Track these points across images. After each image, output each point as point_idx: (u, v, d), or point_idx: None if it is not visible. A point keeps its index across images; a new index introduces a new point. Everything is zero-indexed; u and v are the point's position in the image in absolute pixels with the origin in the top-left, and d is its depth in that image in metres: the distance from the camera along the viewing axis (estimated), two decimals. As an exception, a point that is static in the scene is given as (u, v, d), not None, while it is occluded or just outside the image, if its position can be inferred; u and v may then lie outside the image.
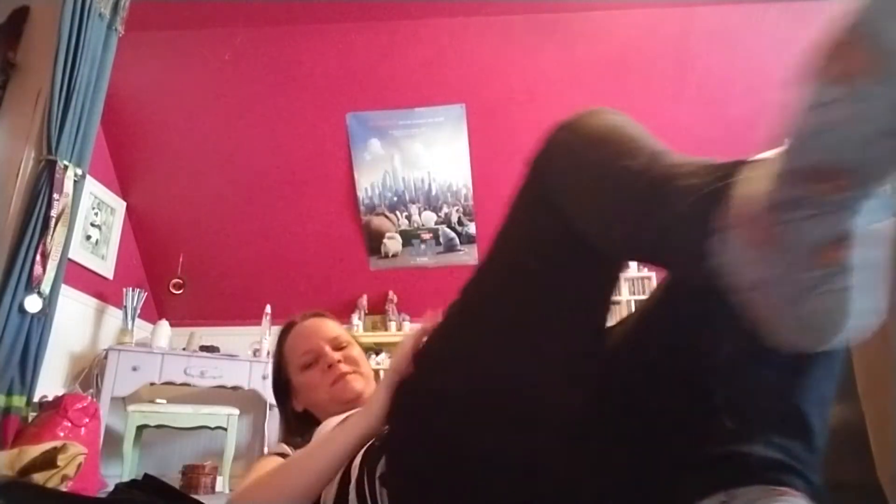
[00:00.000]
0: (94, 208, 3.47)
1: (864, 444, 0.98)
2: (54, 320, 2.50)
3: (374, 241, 4.04)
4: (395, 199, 3.92)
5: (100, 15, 2.74)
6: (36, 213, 2.44)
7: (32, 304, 2.37)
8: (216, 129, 3.68)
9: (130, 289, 3.49)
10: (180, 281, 4.00)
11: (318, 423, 1.15)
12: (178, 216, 3.93)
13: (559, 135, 0.68)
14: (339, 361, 1.14)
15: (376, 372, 3.13)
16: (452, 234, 3.99)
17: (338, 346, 1.17)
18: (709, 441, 0.63)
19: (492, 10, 3.30)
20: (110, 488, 2.07)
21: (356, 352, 1.19)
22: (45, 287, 2.44)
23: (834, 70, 0.43)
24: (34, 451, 2.09)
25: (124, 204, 3.78)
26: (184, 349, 3.44)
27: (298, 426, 1.18)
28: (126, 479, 2.67)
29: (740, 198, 0.49)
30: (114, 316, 3.56)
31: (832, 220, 0.44)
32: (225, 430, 3.32)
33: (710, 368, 0.66)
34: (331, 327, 1.21)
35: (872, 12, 0.41)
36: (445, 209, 3.93)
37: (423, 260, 4.06)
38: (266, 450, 3.55)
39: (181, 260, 3.97)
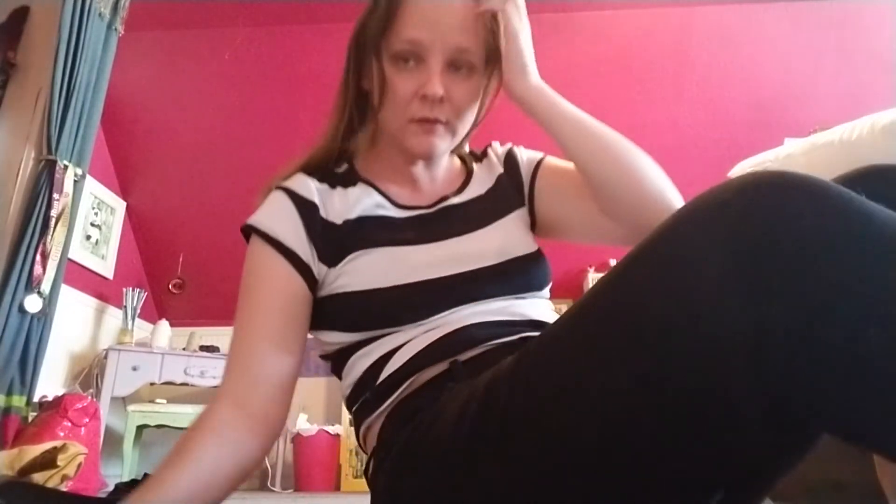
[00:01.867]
0: (94, 208, 3.47)
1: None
2: (54, 320, 2.51)
3: (374, 241, 4.03)
4: (395, 199, 3.92)
5: (100, 15, 2.74)
6: (36, 213, 2.44)
7: (32, 304, 2.37)
8: (216, 129, 3.68)
9: (130, 289, 3.49)
10: (180, 281, 4.00)
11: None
12: (178, 216, 3.92)
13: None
14: (440, 100, 0.74)
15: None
16: (452, 234, 3.99)
17: (456, 64, 0.76)
18: None
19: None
20: (110, 488, 2.07)
21: (467, 90, 0.77)
22: (45, 287, 2.44)
23: None
24: (34, 451, 2.09)
25: (124, 204, 3.78)
26: (184, 349, 3.44)
27: (351, 119, 0.84)
28: (126, 479, 2.67)
29: None
30: (114, 316, 3.56)
31: None
32: (225, 430, 3.32)
33: None
34: (466, 25, 0.75)
35: None
36: (445, 209, 3.92)
37: (423, 260, 4.06)
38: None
39: (181, 260, 3.97)
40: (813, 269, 0.38)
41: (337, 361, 0.78)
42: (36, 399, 2.45)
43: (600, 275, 3.71)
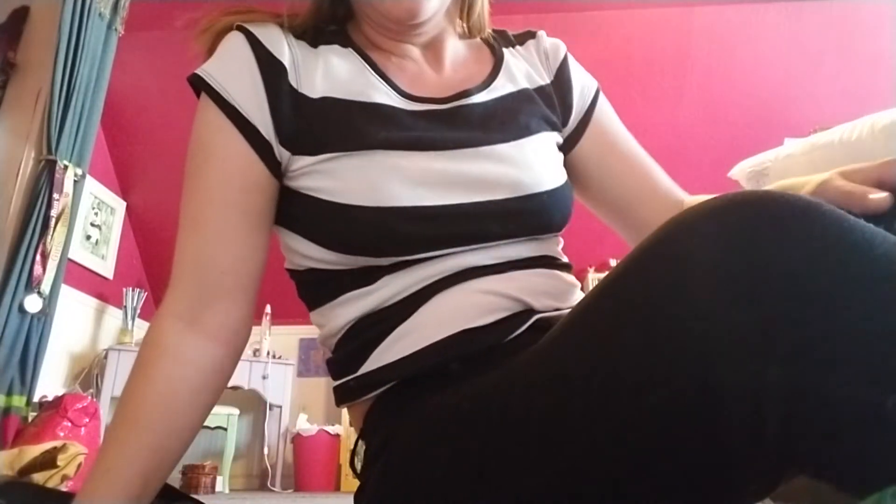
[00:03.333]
0: (94, 208, 3.47)
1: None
2: (54, 320, 2.51)
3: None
4: (395, 198, 3.92)
5: (100, 15, 2.74)
6: (36, 213, 2.44)
7: (32, 304, 2.37)
8: (216, 129, 3.68)
9: (130, 289, 3.49)
10: (180, 281, 4.01)
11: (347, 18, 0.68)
12: (178, 216, 3.93)
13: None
14: None
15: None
16: (452, 234, 3.98)
17: None
18: None
19: (491, 10, 3.30)
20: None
21: None
22: (45, 287, 2.44)
23: None
24: (34, 451, 2.09)
25: (124, 204, 3.78)
26: (184, 349, 3.44)
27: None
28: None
29: None
30: (114, 316, 3.56)
31: None
32: (225, 430, 3.32)
33: None
34: None
35: None
36: (445, 209, 3.92)
37: (423, 260, 4.06)
38: (266, 447, 3.55)
39: (181, 260, 3.98)
40: (813, 302, 0.32)
41: (308, 290, 0.65)
42: (36, 399, 2.45)
43: (601, 275, 3.66)
